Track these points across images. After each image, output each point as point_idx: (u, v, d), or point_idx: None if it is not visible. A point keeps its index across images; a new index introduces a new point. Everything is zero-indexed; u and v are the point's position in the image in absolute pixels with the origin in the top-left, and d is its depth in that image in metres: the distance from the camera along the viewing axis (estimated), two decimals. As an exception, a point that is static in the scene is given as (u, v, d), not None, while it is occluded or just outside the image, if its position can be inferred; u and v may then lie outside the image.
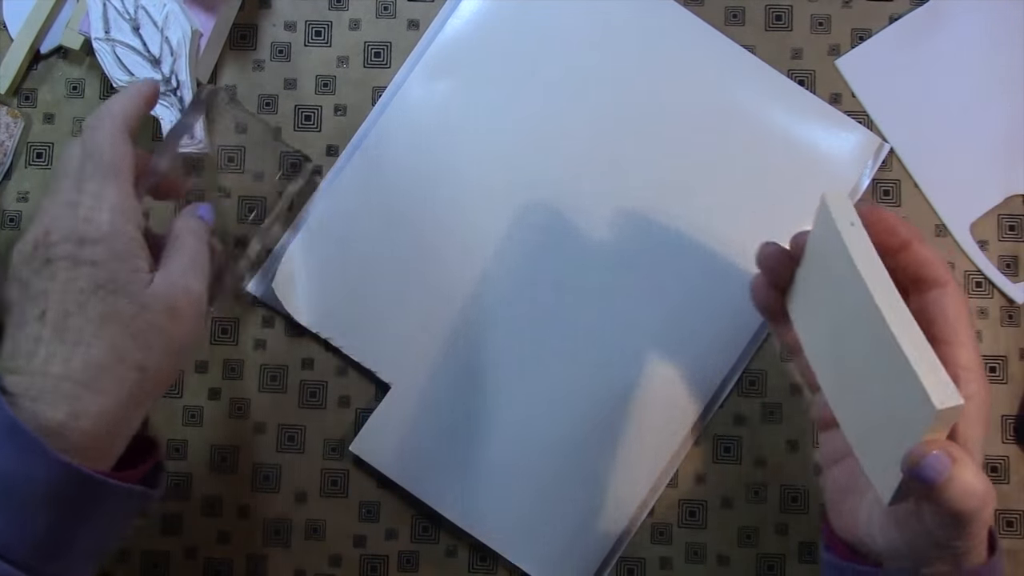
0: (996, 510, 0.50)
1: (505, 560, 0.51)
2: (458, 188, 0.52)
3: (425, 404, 0.51)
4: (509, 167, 0.52)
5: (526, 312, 0.51)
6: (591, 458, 0.50)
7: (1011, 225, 0.52)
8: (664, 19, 0.52)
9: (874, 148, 0.51)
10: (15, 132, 0.54)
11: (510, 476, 0.51)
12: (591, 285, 0.51)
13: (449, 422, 0.51)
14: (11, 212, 0.54)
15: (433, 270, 0.52)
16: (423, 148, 0.52)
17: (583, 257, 0.51)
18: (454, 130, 0.52)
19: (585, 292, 0.51)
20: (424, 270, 0.52)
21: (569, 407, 0.51)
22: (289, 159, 0.52)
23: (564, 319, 0.51)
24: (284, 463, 0.52)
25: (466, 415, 0.51)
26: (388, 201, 0.52)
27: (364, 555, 0.52)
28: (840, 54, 0.53)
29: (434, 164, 0.52)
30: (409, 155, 0.52)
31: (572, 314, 0.51)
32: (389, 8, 0.54)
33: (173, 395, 0.53)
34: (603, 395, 0.50)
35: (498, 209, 0.52)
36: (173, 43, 0.49)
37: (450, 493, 0.51)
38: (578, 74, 0.52)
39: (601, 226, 0.51)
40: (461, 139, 0.52)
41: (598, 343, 0.51)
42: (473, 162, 0.52)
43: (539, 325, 0.51)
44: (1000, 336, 0.51)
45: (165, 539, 0.52)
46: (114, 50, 0.50)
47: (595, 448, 0.50)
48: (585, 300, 0.51)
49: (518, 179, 0.52)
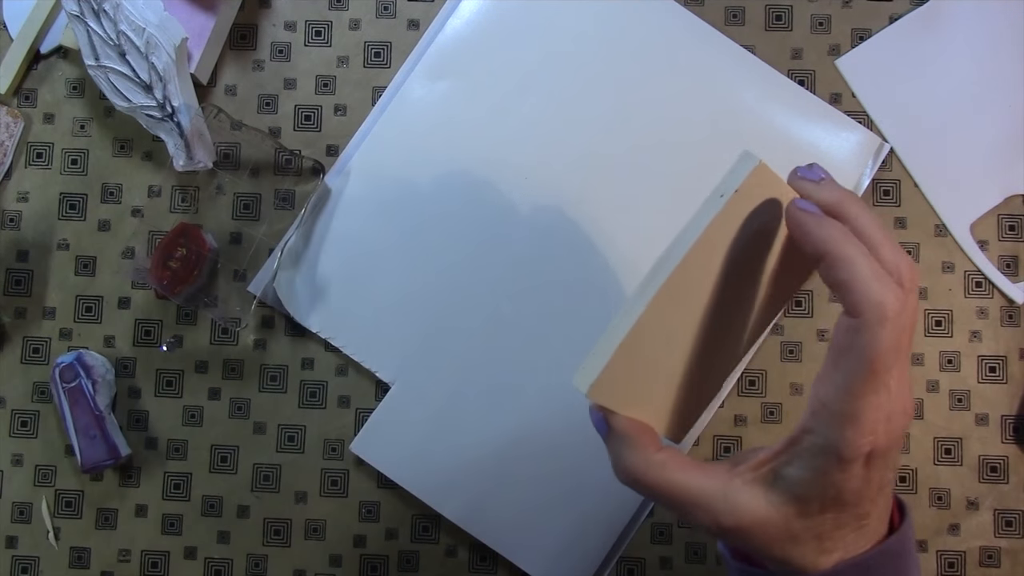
0: (996, 510, 0.50)
1: (505, 560, 0.51)
2: (458, 188, 0.52)
3: (425, 404, 0.51)
4: (509, 166, 0.52)
5: (526, 312, 0.51)
6: (591, 458, 0.50)
7: (1011, 225, 0.52)
8: (664, 19, 0.52)
9: (874, 148, 0.51)
10: (15, 132, 0.54)
11: (510, 476, 0.51)
12: (591, 284, 0.51)
13: (449, 422, 0.51)
14: (11, 212, 0.54)
15: (433, 270, 0.52)
16: (423, 148, 0.52)
17: (584, 256, 0.51)
18: (454, 130, 0.52)
19: (585, 291, 0.51)
20: (424, 270, 0.52)
21: (569, 407, 0.51)
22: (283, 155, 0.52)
23: (564, 319, 0.51)
24: (284, 463, 0.52)
25: (466, 415, 0.51)
26: (388, 201, 0.52)
27: (364, 555, 0.52)
28: (840, 54, 0.53)
29: (434, 164, 0.52)
30: (409, 155, 0.52)
31: (572, 314, 0.51)
32: (389, 8, 0.54)
33: (173, 395, 0.53)
34: (603, 395, 0.50)
35: (498, 208, 0.52)
36: (160, 69, 0.49)
37: (450, 493, 0.51)
38: (578, 74, 0.52)
39: (602, 226, 0.51)
40: (461, 139, 0.52)
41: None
42: (473, 161, 0.52)
43: (539, 325, 0.51)
44: (1000, 336, 0.51)
45: (165, 539, 0.52)
46: (107, 77, 0.50)
47: (595, 448, 0.50)
48: (585, 299, 0.51)
49: (518, 178, 0.52)
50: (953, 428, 0.51)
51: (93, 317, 0.53)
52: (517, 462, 0.51)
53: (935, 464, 0.51)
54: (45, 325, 0.53)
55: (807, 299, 0.52)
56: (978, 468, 0.51)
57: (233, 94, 0.54)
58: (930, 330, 0.51)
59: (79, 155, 0.54)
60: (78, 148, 0.54)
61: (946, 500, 0.51)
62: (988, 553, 0.50)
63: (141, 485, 0.53)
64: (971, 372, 0.51)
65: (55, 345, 0.53)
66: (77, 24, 0.50)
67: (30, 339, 0.53)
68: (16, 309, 0.54)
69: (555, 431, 0.51)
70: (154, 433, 0.53)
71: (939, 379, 0.51)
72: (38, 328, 0.53)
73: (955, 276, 0.52)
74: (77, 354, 0.51)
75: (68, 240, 0.54)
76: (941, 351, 0.51)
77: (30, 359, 0.53)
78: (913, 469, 0.51)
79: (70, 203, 0.54)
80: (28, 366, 0.53)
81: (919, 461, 0.51)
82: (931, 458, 0.51)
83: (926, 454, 0.51)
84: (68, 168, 0.54)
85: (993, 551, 0.50)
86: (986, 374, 0.51)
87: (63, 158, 0.54)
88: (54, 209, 0.54)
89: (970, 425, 0.51)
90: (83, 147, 0.54)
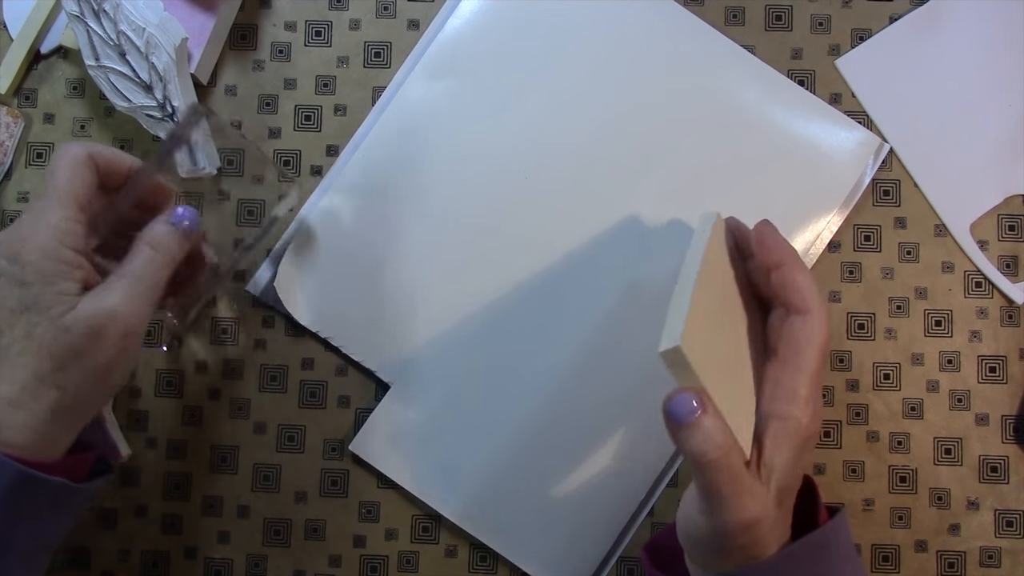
0: (996, 510, 0.50)
1: (505, 560, 0.51)
2: (458, 188, 0.52)
3: (425, 404, 0.51)
4: (509, 166, 0.52)
5: (526, 312, 0.51)
6: (591, 458, 0.50)
7: (1011, 225, 0.52)
8: (664, 19, 0.52)
9: (874, 148, 0.51)
10: (15, 132, 0.54)
11: (510, 476, 0.51)
12: (592, 285, 0.51)
13: (449, 422, 0.51)
14: (11, 212, 0.54)
15: (432, 269, 0.52)
16: (423, 148, 0.52)
17: (584, 257, 0.51)
18: (454, 130, 0.52)
19: (586, 291, 0.51)
20: (424, 269, 0.52)
21: (569, 407, 0.51)
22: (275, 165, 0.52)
23: (564, 320, 0.51)
24: (284, 463, 0.52)
25: (466, 415, 0.51)
26: (388, 201, 0.52)
27: (364, 555, 0.52)
28: (840, 54, 0.53)
29: (433, 164, 0.52)
30: (408, 155, 0.52)
31: (572, 315, 0.51)
32: (389, 8, 0.54)
33: (173, 395, 0.53)
34: (603, 395, 0.50)
35: (497, 208, 0.52)
36: (160, 69, 0.49)
37: (450, 493, 0.51)
38: (578, 74, 0.52)
39: (602, 226, 0.51)
40: (461, 139, 0.52)
41: (598, 343, 0.51)
42: (473, 161, 0.52)
43: (539, 325, 0.51)
44: (1000, 336, 0.51)
45: (165, 539, 0.52)
46: (108, 77, 0.50)
47: (595, 448, 0.50)
48: (586, 299, 0.51)
49: (518, 178, 0.52)
50: (953, 428, 0.51)
51: (93, 317, 0.53)
52: (517, 462, 0.51)
53: (935, 464, 0.51)
54: (45, 325, 0.53)
55: (807, 299, 0.52)
56: (978, 468, 0.51)
57: (233, 94, 0.54)
58: (930, 330, 0.51)
59: (79, 155, 0.54)
60: (78, 148, 0.54)
61: (946, 500, 0.51)
62: (988, 553, 0.50)
63: (141, 485, 0.53)
64: (971, 372, 0.51)
65: (55, 345, 0.53)
66: (77, 24, 0.50)
67: (30, 339, 0.53)
68: (16, 309, 0.53)
69: (555, 431, 0.51)
70: (154, 433, 0.53)
71: (939, 379, 0.51)
72: (38, 328, 0.53)
73: (955, 276, 0.51)
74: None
75: (68, 240, 0.54)
76: (941, 351, 0.51)
77: (30, 359, 0.53)
78: (913, 469, 0.51)
79: (70, 203, 0.54)
80: (28, 366, 0.53)
81: (919, 461, 0.51)
82: (931, 458, 0.51)
83: (926, 454, 0.51)
84: (68, 168, 0.54)
85: (993, 551, 0.50)
86: (986, 374, 0.51)
87: (63, 158, 0.54)
88: (54, 209, 0.54)
89: (970, 425, 0.51)
90: (83, 147, 0.54)
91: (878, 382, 0.51)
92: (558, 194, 0.52)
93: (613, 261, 0.51)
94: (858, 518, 0.51)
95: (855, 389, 0.51)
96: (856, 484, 0.51)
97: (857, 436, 0.51)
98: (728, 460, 0.36)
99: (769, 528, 0.36)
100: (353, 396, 0.52)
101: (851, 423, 0.51)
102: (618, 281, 0.51)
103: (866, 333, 0.52)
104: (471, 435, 0.51)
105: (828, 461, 0.51)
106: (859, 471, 0.51)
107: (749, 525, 0.36)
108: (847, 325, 0.52)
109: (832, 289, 0.52)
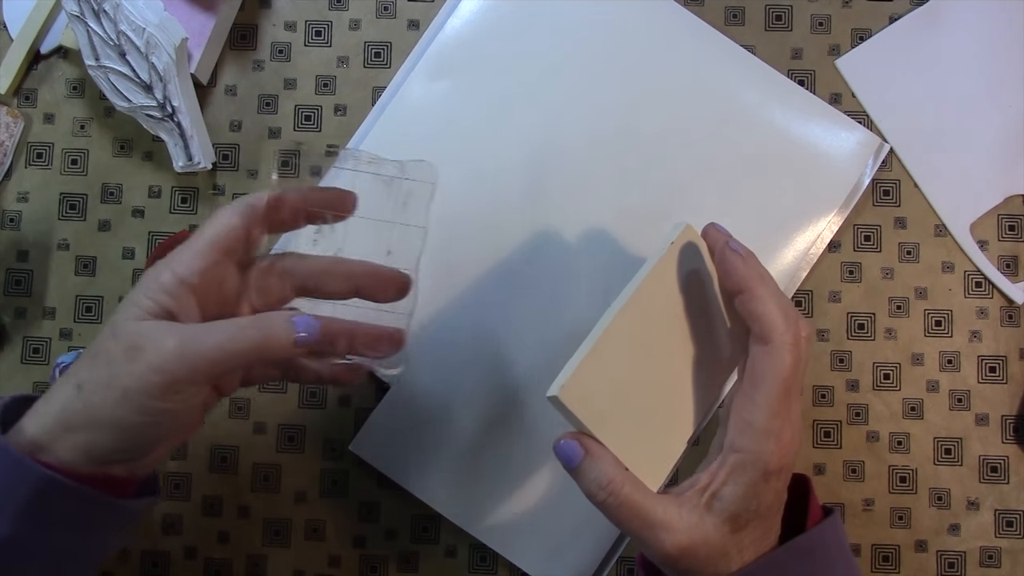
0: (996, 510, 0.50)
1: (505, 560, 0.51)
2: (457, 188, 0.52)
3: (425, 404, 0.51)
4: (508, 166, 0.52)
5: (526, 311, 0.51)
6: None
7: (1011, 225, 0.52)
8: (664, 19, 0.52)
9: (874, 148, 0.51)
10: (15, 132, 0.54)
11: (510, 476, 0.51)
12: (592, 285, 0.51)
13: (449, 422, 0.51)
14: (11, 212, 0.54)
15: (433, 268, 0.51)
16: (422, 148, 0.52)
17: (584, 256, 0.51)
18: (454, 130, 0.52)
19: (586, 292, 0.51)
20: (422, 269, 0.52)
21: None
22: None
23: (564, 320, 0.51)
24: (284, 463, 0.52)
25: (466, 415, 0.51)
26: (388, 201, 0.52)
27: (364, 555, 0.52)
28: (840, 54, 0.53)
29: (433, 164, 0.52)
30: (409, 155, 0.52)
31: (573, 314, 0.51)
32: (389, 8, 0.54)
33: (173, 395, 0.53)
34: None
35: (497, 207, 0.52)
36: (160, 69, 0.49)
37: (450, 493, 0.51)
38: (578, 74, 0.52)
39: (601, 225, 0.51)
40: (460, 139, 0.52)
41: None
42: (472, 161, 0.52)
43: (539, 324, 0.51)
44: (1000, 336, 0.51)
45: (165, 539, 0.52)
46: (107, 77, 0.50)
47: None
48: (586, 300, 0.51)
49: (517, 178, 0.52)
50: (953, 428, 0.51)
51: (93, 317, 0.53)
52: (517, 462, 0.51)
53: (935, 464, 0.51)
54: (45, 325, 0.53)
55: (806, 299, 0.52)
56: (978, 468, 0.51)
57: (233, 94, 0.54)
58: (930, 330, 0.51)
59: (79, 155, 0.54)
60: (78, 148, 0.54)
61: (946, 500, 0.51)
62: (988, 553, 0.50)
63: (141, 485, 0.53)
64: (971, 372, 0.51)
65: (55, 345, 0.53)
66: (77, 24, 0.50)
67: (30, 339, 0.53)
68: (16, 309, 0.54)
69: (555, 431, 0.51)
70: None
71: (939, 379, 0.51)
72: (38, 328, 0.53)
73: (955, 276, 0.52)
74: (77, 354, 0.51)
75: (68, 240, 0.54)
76: (941, 351, 0.51)
77: (30, 359, 0.53)
78: (913, 469, 0.51)
79: (70, 203, 0.54)
80: (28, 366, 0.53)
81: (919, 461, 0.51)
82: (931, 458, 0.51)
83: (926, 454, 0.51)
84: (68, 168, 0.54)
85: (993, 551, 0.50)
86: (986, 374, 0.51)
87: (63, 158, 0.54)
88: (54, 209, 0.54)
89: (970, 425, 0.51)
90: (83, 147, 0.54)
91: (878, 382, 0.51)
92: (557, 193, 0.52)
93: (612, 261, 0.51)
94: (858, 518, 0.51)
95: (855, 389, 0.51)
96: (856, 484, 0.51)
97: (857, 436, 0.51)
98: (621, 499, 0.36)
99: (716, 551, 0.36)
100: (353, 396, 0.52)
101: (851, 423, 0.51)
102: (619, 281, 0.51)
103: (866, 333, 0.52)
104: (471, 435, 0.51)
105: (828, 461, 0.51)
106: (859, 471, 0.51)
107: (680, 553, 0.36)
108: (847, 325, 0.52)
109: (832, 289, 0.52)
